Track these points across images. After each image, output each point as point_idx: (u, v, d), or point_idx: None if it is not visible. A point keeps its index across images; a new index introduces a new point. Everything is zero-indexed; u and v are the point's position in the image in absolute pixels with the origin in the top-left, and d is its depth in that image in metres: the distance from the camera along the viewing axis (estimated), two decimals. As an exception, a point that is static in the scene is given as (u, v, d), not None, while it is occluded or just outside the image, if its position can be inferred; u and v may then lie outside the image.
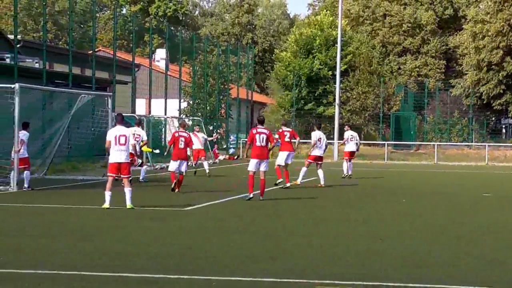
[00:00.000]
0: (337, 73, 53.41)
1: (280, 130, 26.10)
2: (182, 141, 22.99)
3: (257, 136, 20.82)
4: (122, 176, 18.03)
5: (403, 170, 39.86)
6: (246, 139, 58.24)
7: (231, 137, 57.95)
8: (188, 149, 23.83)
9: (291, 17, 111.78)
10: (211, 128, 52.28)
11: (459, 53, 73.95)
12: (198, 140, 31.02)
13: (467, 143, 59.83)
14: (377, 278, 10.07)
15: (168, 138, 32.67)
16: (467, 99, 64.33)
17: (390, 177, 34.35)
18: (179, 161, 22.82)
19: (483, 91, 60.41)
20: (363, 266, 10.99)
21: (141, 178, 26.98)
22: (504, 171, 41.02)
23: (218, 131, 54.29)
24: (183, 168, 23.03)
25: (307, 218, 17.42)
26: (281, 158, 25.09)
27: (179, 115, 49.18)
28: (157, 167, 35.33)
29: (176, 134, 23.35)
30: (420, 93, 68.58)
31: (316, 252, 12.27)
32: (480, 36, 60.13)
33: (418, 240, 13.90)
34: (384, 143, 53.31)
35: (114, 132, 18.28)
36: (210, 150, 30.76)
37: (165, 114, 46.15)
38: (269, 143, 20.96)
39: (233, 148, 52.60)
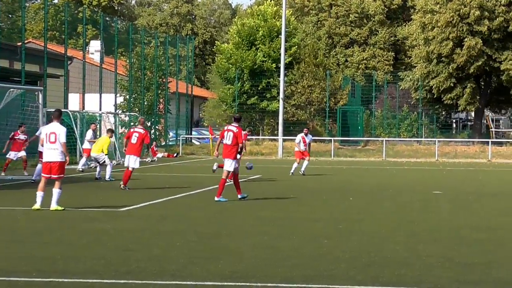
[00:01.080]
0: (281, 65, 53.55)
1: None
2: (135, 136, 23.98)
3: (225, 133, 20.82)
4: (52, 176, 17.77)
5: (350, 167, 40.16)
6: (186, 136, 58.35)
7: (170, 133, 57.74)
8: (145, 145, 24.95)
9: (233, 7, 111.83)
10: (149, 124, 51.99)
11: (408, 44, 74.69)
12: None
13: (416, 139, 60.56)
14: (324, 279, 10.13)
15: (104, 134, 32.68)
16: (416, 93, 65.02)
17: (337, 174, 34.59)
18: (128, 156, 23.95)
19: (433, 84, 61.04)
20: (310, 267, 11.04)
21: (107, 177, 27.47)
22: (455, 168, 41.61)
23: (157, 127, 54.07)
24: (132, 164, 23.79)
25: (252, 217, 17.45)
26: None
27: (115, 111, 48.81)
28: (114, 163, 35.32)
29: (132, 130, 24.91)
30: (368, 87, 69.16)
31: (261, 253, 12.29)
32: (430, 27, 60.76)
33: (366, 239, 14.02)
34: (331, 139, 53.66)
35: (46, 129, 18.09)
36: (148, 148, 30.74)
37: (100, 109, 45.75)
38: (239, 143, 20.51)
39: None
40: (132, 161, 23.85)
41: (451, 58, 59.37)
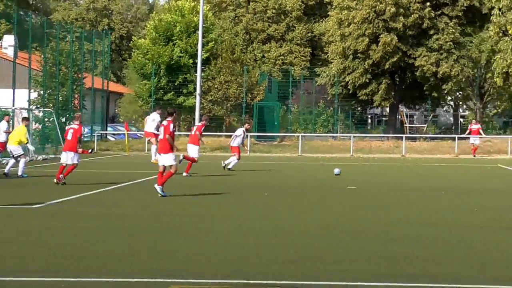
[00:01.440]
0: (198, 61, 53.50)
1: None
2: (70, 132, 24.14)
3: (160, 128, 21.62)
4: None
5: (266, 163, 40.36)
6: (101, 132, 57.75)
7: (85, 129, 57.04)
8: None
9: (150, 2, 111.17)
10: (63, 120, 51.32)
11: (324, 40, 75.35)
12: None
13: (332, 134, 61.19)
14: (246, 275, 10.22)
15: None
16: (332, 88, 65.69)
17: (254, 170, 34.72)
18: (66, 152, 24.17)
19: (349, 80, 61.72)
20: (231, 263, 11.12)
21: (19, 173, 27.05)
22: (369, 163, 42.22)
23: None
24: (70, 161, 24.06)
25: (170, 213, 17.44)
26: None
27: (29, 106, 48.05)
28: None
29: (67, 126, 25.32)
30: (285, 82, 69.53)
31: (176, 249, 12.31)
32: (346, 23, 61.41)
33: (294, 235, 14.15)
34: (247, 135, 53.74)
35: None
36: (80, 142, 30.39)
37: (13, 105, 44.98)
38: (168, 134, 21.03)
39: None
40: (70, 158, 24.05)
41: (367, 54, 60.13)
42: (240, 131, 34.07)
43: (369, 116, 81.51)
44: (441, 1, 61.42)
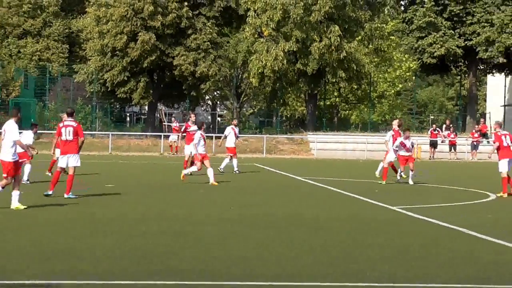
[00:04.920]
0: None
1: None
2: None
3: (63, 129, 20.50)
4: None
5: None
6: None
7: None
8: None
9: None
10: None
11: (83, 37, 74.49)
12: None
13: (90, 132, 60.68)
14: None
15: None
16: (90, 86, 65.15)
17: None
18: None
19: (107, 77, 61.35)
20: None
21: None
22: (128, 161, 42.30)
23: None
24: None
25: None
26: None
27: None
28: None
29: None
30: (42, 79, 68.13)
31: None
32: (104, 20, 61.04)
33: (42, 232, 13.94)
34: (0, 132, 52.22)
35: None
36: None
37: None
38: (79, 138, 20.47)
39: None
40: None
41: (125, 52, 59.99)
42: (228, 129, 32.92)
43: (128, 114, 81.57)
44: (199, 1, 62.46)
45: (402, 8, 69.66)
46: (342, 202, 21.73)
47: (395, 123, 29.89)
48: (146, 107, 70.73)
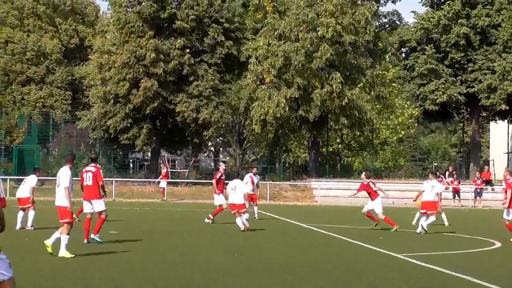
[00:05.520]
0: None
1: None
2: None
3: (84, 175, 21.01)
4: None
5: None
6: None
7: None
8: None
9: None
10: None
11: (85, 84, 74.86)
12: None
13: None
14: None
15: None
16: (94, 132, 65.25)
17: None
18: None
19: (110, 124, 61.37)
20: None
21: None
22: (132, 207, 42.18)
23: None
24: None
25: None
26: None
27: None
28: None
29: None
30: (46, 125, 68.32)
31: None
32: (107, 67, 61.29)
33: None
34: (6, 178, 52.30)
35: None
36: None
37: None
38: (98, 182, 20.91)
39: None
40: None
41: (128, 99, 60.04)
42: (247, 177, 32.33)
43: (131, 161, 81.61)
44: (201, 49, 62.69)
45: (403, 55, 70.00)
46: (345, 249, 21.62)
47: (363, 176, 29.51)
48: (149, 154, 70.72)
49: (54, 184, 19.56)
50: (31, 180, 25.21)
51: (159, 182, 53.41)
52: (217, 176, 31.03)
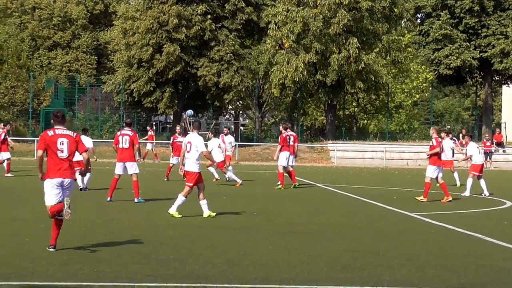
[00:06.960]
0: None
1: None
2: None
3: (120, 138, 21.27)
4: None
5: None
6: None
7: None
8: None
9: None
10: None
11: (110, 49, 74.93)
12: None
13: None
14: (24, 277, 10.09)
15: None
16: (118, 96, 65.45)
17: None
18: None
19: (134, 88, 61.57)
20: (9, 265, 10.93)
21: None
22: (157, 168, 42.31)
23: None
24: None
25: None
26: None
27: None
28: None
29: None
30: (71, 89, 68.53)
31: None
32: (131, 32, 61.34)
33: (65, 237, 14.05)
34: (34, 139, 52.65)
35: (185, 139, 18.29)
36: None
37: None
38: (134, 145, 21.19)
39: None
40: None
41: (151, 63, 60.21)
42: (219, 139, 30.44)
43: (154, 123, 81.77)
44: (222, 15, 62.61)
45: (419, 21, 69.54)
46: (360, 209, 21.68)
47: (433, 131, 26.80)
48: (172, 117, 70.89)
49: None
50: (87, 142, 24.91)
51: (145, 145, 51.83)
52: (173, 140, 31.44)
